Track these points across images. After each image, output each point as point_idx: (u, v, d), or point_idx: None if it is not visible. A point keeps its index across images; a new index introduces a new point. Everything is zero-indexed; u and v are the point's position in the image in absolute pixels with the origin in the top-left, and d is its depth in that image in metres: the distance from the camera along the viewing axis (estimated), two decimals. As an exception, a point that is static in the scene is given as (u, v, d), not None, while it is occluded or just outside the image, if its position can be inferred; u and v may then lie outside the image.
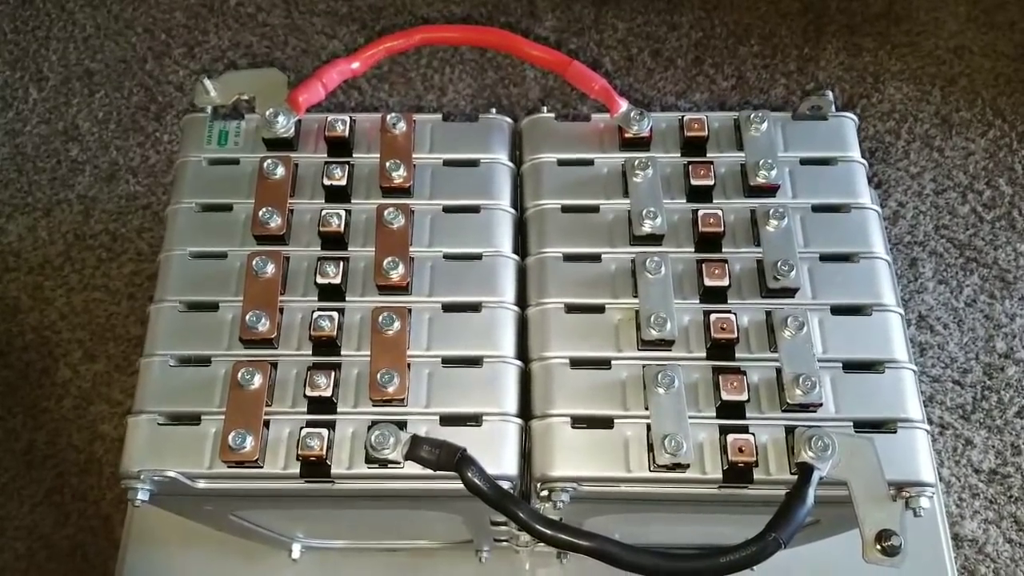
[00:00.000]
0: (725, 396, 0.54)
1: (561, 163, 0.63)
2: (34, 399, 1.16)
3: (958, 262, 1.24)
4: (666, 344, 0.56)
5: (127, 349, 1.18)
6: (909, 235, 1.25)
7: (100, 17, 1.47)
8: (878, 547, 0.49)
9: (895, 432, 0.54)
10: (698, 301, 0.58)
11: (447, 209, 0.61)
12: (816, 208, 0.61)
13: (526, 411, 0.57)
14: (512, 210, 0.62)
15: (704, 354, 0.56)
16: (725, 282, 0.57)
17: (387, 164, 0.60)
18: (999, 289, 1.22)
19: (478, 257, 0.60)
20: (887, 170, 1.30)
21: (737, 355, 0.56)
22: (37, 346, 1.20)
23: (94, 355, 1.19)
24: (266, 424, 0.54)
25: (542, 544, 0.84)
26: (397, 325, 0.56)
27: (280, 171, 0.61)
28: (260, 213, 0.59)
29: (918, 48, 1.40)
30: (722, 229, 0.59)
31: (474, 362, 0.56)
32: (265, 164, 0.61)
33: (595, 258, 0.60)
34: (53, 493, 1.10)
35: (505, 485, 0.52)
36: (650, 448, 0.54)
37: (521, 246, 0.62)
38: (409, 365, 0.56)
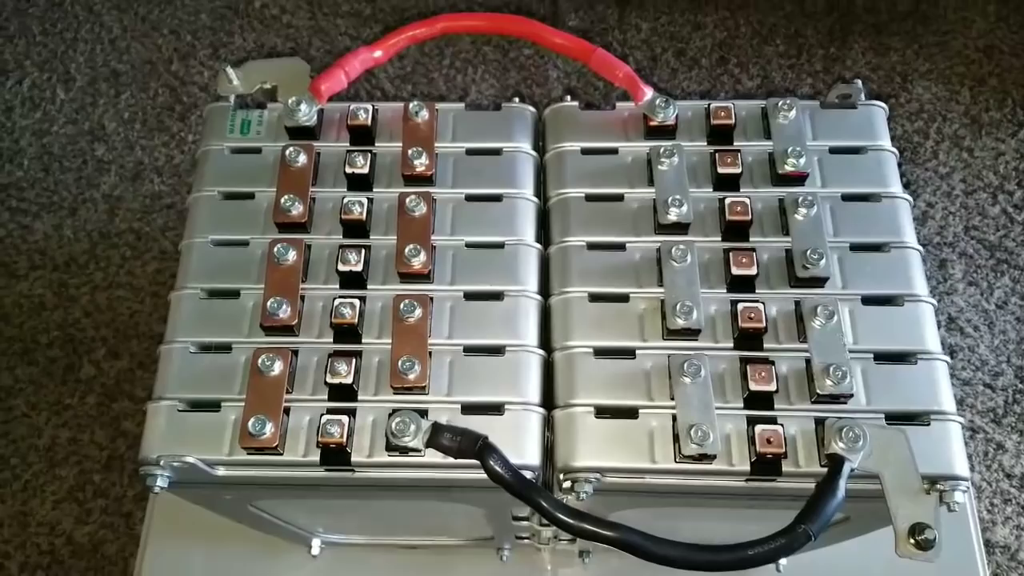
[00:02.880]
0: (753, 386, 0.53)
1: (585, 152, 0.62)
2: (58, 396, 1.17)
3: (988, 263, 1.21)
4: (692, 333, 0.55)
5: (151, 346, 1.19)
6: (938, 236, 1.23)
7: (127, 19, 1.49)
8: (911, 541, 0.48)
9: (928, 424, 0.53)
10: (725, 290, 0.57)
11: (469, 198, 0.61)
12: (846, 197, 0.60)
13: (549, 401, 0.56)
14: (535, 199, 0.61)
15: (731, 344, 0.55)
16: (753, 271, 0.56)
17: (409, 152, 0.60)
18: (1031, 291, 1.19)
19: (500, 246, 0.59)
20: (916, 170, 1.28)
21: (765, 345, 0.55)
22: (61, 343, 1.21)
23: (118, 352, 1.19)
24: (286, 411, 0.54)
25: (564, 542, 0.83)
26: (419, 312, 0.55)
27: (302, 159, 0.60)
28: (282, 200, 0.58)
29: (947, 47, 1.38)
30: (749, 217, 0.58)
31: (496, 351, 0.56)
32: (287, 152, 0.60)
33: (619, 247, 0.59)
34: (75, 490, 1.11)
35: (527, 475, 0.52)
36: (676, 439, 0.52)
37: (544, 235, 0.61)
38: (431, 353, 0.55)
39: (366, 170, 0.60)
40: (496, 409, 0.54)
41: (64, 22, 1.49)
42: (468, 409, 0.54)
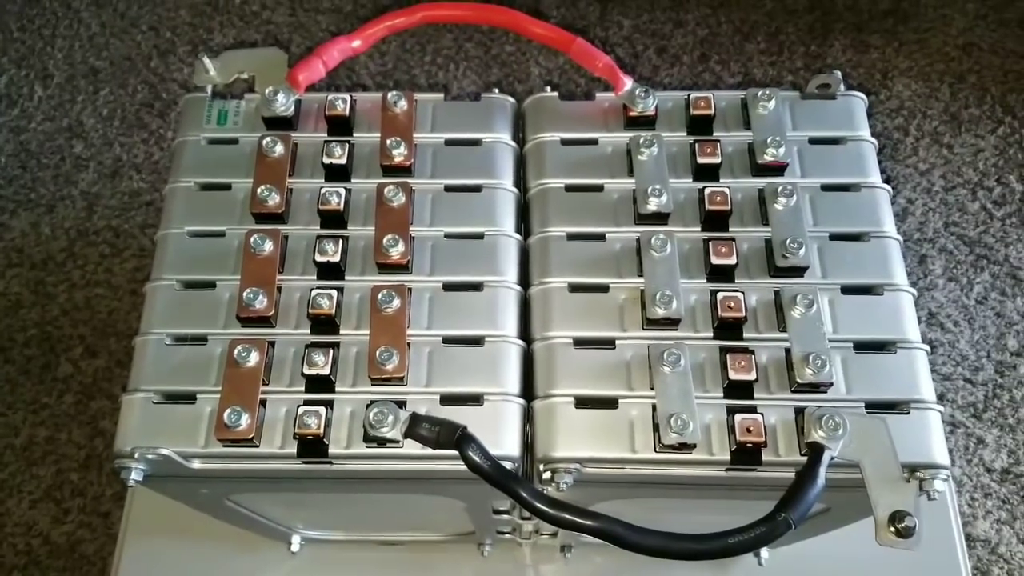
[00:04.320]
0: (733, 376, 0.53)
1: (565, 142, 0.62)
2: (35, 395, 1.16)
3: (968, 259, 1.22)
4: (672, 323, 0.55)
5: (129, 345, 1.17)
6: (918, 232, 1.24)
7: (106, 15, 1.47)
8: (891, 529, 0.48)
9: (907, 413, 0.53)
10: (705, 280, 0.57)
11: (448, 188, 0.60)
12: (825, 187, 0.60)
13: (528, 392, 0.55)
14: (515, 189, 0.61)
15: (711, 334, 0.55)
16: (732, 260, 0.56)
17: (388, 142, 0.59)
18: (1010, 286, 1.20)
19: (480, 236, 0.58)
20: (896, 167, 1.29)
21: (745, 334, 0.55)
22: (39, 342, 1.19)
23: (95, 351, 1.18)
24: (262, 403, 0.53)
25: (545, 537, 0.83)
26: (397, 303, 0.55)
27: (279, 149, 0.60)
28: (259, 191, 0.58)
29: (926, 45, 1.39)
30: (729, 207, 0.58)
31: (475, 342, 0.55)
32: (264, 142, 0.60)
33: (599, 237, 0.58)
34: (53, 489, 1.09)
35: (507, 466, 0.51)
36: (656, 428, 0.52)
37: (524, 226, 0.61)
38: (409, 344, 0.54)
39: (344, 160, 0.60)
40: (475, 400, 0.53)
41: (42, 18, 1.48)
42: (447, 400, 0.53)
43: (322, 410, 0.52)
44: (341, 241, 0.57)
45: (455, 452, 0.49)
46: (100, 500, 1.08)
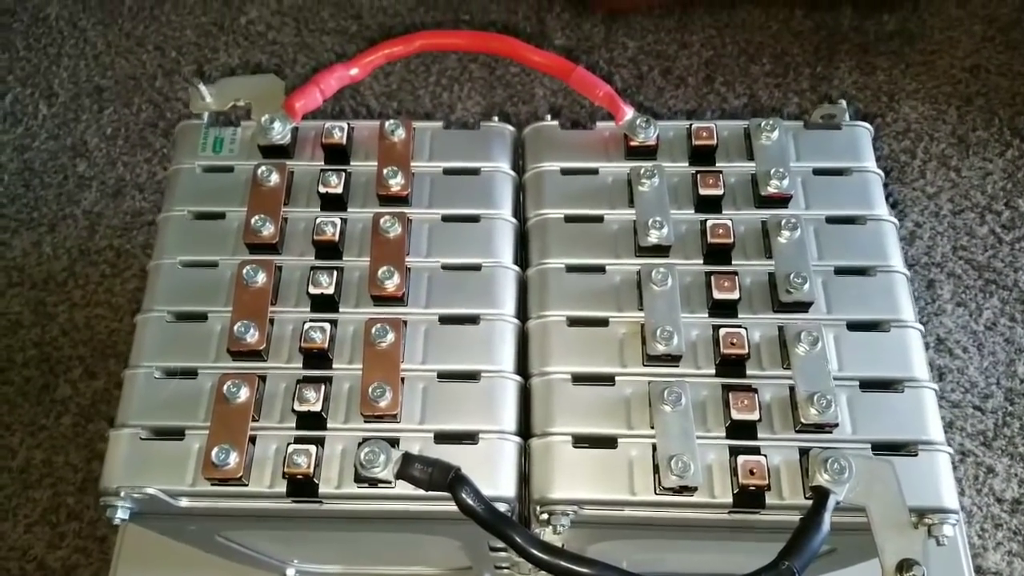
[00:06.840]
0: (735, 415, 0.51)
1: (564, 172, 0.61)
2: (33, 416, 1.15)
3: (977, 284, 1.20)
4: (673, 359, 0.53)
5: (128, 366, 1.17)
6: (926, 256, 1.22)
7: (111, 35, 1.47)
8: (899, 577, 0.46)
9: (916, 455, 0.51)
10: (707, 315, 0.55)
11: (446, 218, 0.59)
12: (830, 219, 0.58)
13: (525, 429, 0.54)
14: (513, 220, 0.60)
15: (713, 370, 0.54)
16: (735, 295, 0.55)
17: (384, 171, 0.58)
18: (1020, 312, 1.18)
19: (477, 268, 0.57)
20: (903, 190, 1.27)
21: (748, 372, 0.54)
22: (38, 362, 1.18)
23: (95, 372, 1.17)
24: (252, 440, 0.52)
25: (544, 572, 0.81)
26: (391, 337, 0.53)
27: (274, 178, 0.59)
28: (252, 221, 0.57)
29: (933, 67, 1.38)
30: (732, 240, 0.56)
31: (471, 377, 0.54)
32: (259, 171, 0.59)
33: (599, 269, 0.57)
34: (49, 513, 1.08)
35: (502, 507, 0.50)
36: (656, 469, 0.51)
37: (522, 257, 0.60)
38: (403, 379, 0.53)
39: (340, 189, 0.59)
40: (470, 438, 0.52)
41: (48, 37, 1.48)
42: (441, 438, 0.52)
43: (312, 448, 0.51)
44: (335, 272, 0.56)
45: (448, 494, 0.48)
46: (96, 525, 1.07)
